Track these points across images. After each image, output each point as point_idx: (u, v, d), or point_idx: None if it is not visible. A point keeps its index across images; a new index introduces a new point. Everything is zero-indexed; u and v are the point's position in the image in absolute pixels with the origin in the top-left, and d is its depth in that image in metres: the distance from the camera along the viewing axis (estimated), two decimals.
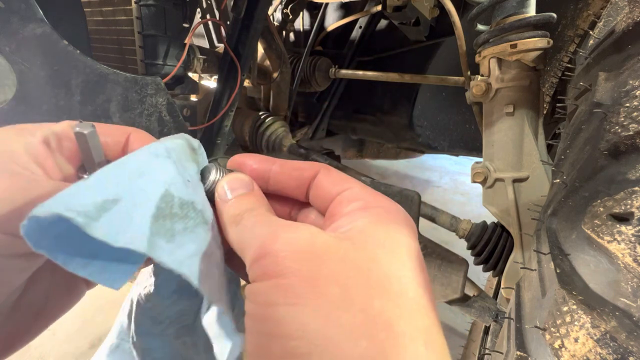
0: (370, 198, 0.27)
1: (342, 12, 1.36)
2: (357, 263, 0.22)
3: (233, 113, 1.00)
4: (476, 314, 0.87)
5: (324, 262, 0.21)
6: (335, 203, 0.27)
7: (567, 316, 0.35)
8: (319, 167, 0.29)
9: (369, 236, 0.24)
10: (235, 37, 0.93)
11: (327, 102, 1.45)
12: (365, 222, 0.25)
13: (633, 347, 0.30)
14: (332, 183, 0.28)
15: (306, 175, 0.29)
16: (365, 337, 0.19)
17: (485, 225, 0.88)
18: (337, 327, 0.19)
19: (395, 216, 0.26)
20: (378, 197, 0.27)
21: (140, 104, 0.77)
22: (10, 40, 0.57)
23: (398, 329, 0.20)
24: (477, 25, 0.87)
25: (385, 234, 0.24)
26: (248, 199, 0.27)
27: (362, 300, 0.20)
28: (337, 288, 0.20)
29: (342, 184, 0.28)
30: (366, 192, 0.27)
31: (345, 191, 0.27)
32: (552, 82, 1.15)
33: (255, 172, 0.30)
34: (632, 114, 0.38)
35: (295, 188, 0.30)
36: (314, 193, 0.29)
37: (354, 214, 0.25)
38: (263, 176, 0.30)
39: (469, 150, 1.44)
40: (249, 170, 0.30)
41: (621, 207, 0.34)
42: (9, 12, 0.56)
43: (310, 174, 0.29)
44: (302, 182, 0.29)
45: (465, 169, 3.57)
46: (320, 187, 0.29)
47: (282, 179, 0.30)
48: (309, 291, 0.20)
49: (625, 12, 0.46)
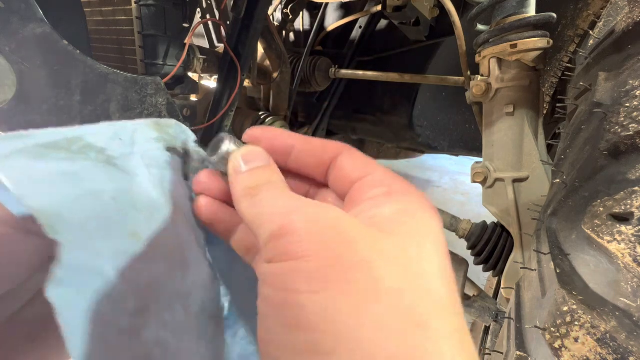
0: (394, 184, 0.24)
1: (342, 12, 1.36)
2: (387, 253, 0.20)
3: (233, 113, 1.00)
4: (476, 314, 0.87)
5: (351, 246, 0.19)
6: (356, 187, 0.25)
7: (567, 316, 0.35)
8: (342, 148, 0.27)
9: (396, 225, 0.22)
10: (235, 37, 0.93)
11: (327, 102, 1.45)
12: (392, 210, 0.22)
13: (633, 347, 0.30)
14: (354, 166, 0.26)
15: (328, 154, 0.27)
16: (398, 335, 0.18)
17: (485, 225, 0.88)
18: (367, 320, 0.18)
19: (421, 204, 0.24)
20: (403, 183, 0.25)
21: (140, 104, 0.77)
22: (10, 40, 0.57)
23: (432, 327, 0.18)
24: (477, 25, 0.87)
25: (413, 223, 0.22)
26: (265, 171, 0.25)
27: (393, 294, 0.18)
28: (367, 276, 0.19)
29: (365, 167, 0.26)
30: (390, 178, 0.25)
31: (368, 176, 0.25)
32: (552, 82, 1.15)
33: (275, 146, 0.28)
34: (632, 114, 0.38)
35: (315, 167, 0.28)
36: (335, 174, 0.27)
37: (377, 200, 0.23)
38: (284, 151, 0.28)
39: (469, 150, 1.44)
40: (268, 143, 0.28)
41: (621, 207, 0.34)
42: (9, 12, 0.56)
43: (333, 154, 0.27)
44: (323, 162, 0.27)
45: (465, 169, 3.57)
46: (342, 169, 0.26)
47: (303, 157, 0.28)
48: (336, 277, 0.18)
49: (625, 12, 0.46)
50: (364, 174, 0.25)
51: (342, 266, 0.19)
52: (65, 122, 0.67)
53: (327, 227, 0.20)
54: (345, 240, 0.20)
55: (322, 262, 0.19)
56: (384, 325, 0.18)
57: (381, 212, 0.22)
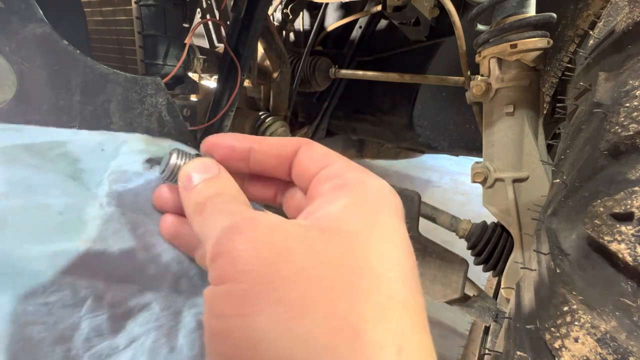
0: (350, 175, 0.23)
1: (342, 12, 1.36)
2: (324, 258, 0.19)
3: (233, 113, 1.00)
4: (476, 314, 0.87)
5: (284, 260, 0.18)
6: (314, 182, 0.24)
7: (567, 316, 0.35)
8: (301, 143, 0.26)
9: (342, 223, 0.20)
10: (235, 37, 0.93)
11: (327, 102, 1.45)
12: (341, 206, 0.21)
13: (633, 347, 0.30)
14: (312, 159, 0.25)
15: (287, 152, 0.26)
16: (327, 351, 0.17)
17: (485, 225, 0.88)
18: (295, 339, 0.17)
19: (378, 196, 0.22)
20: (360, 173, 0.23)
21: (140, 104, 0.76)
22: (10, 40, 0.57)
23: (365, 337, 0.17)
24: (477, 25, 0.87)
25: (363, 218, 0.21)
26: (212, 184, 0.24)
27: (325, 304, 0.17)
28: (298, 291, 0.17)
29: (323, 159, 0.25)
30: (347, 168, 0.24)
31: (325, 168, 0.24)
32: (552, 82, 1.15)
33: (233, 152, 0.27)
34: (632, 114, 0.38)
35: (276, 167, 0.26)
36: (296, 171, 0.26)
37: (330, 195, 0.22)
38: (242, 156, 0.27)
39: (469, 150, 1.44)
40: (226, 150, 0.27)
41: (621, 207, 0.34)
42: (9, 12, 0.56)
43: (291, 150, 0.26)
44: (283, 160, 0.26)
45: (465, 169, 3.56)
46: (301, 164, 0.25)
47: (262, 158, 0.26)
48: (265, 297, 0.17)
49: (625, 12, 0.46)
50: (322, 166, 0.24)
51: (272, 283, 0.18)
52: (65, 122, 0.67)
53: (262, 243, 0.19)
54: (278, 254, 0.18)
55: (254, 281, 0.18)
56: (312, 342, 0.17)
57: (329, 210, 0.21)
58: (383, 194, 0.23)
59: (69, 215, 0.23)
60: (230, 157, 0.27)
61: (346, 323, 0.17)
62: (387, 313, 0.18)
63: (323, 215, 0.21)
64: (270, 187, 0.29)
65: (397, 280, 0.19)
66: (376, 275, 0.19)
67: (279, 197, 0.29)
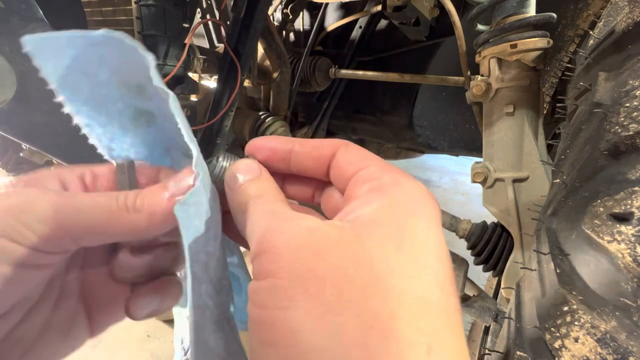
0: (387, 177, 0.24)
1: (342, 12, 1.36)
2: (358, 258, 0.20)
3: (233, 113, 1.00)
4: (476, 314, 0.87)
5: (321, 258, 0.19)
6: (351, 183, 0.25)
7: (567, 316, 0.35)
8: (339, 144, 0.27)
9: (377, 224, 0.21)
10: (235, 37, 0.93)
11: (327, 102, 1.45)
12: (376, 207, 0.22)
13: (633, 347, 0.30)
14: (349, 161, 0.26)
15: (325, 153, 0.27)
16: (358, 346, 0.17)
17: (485, 225, 0.88)
18: (329, 333, 0.18)
19: (413, 198, 0.23)
20: (396, 175, 0.24)
21: None
22: (10, 40, 0.57)
23: (396, 335, 0.18)
24: (477, 25, 0.87)
25: (398, 220, 0.21)
26: (254, 184, 0.26)
27: (358, 301, 0.18)
28: (333, 288, 0.19)
29: (360, 162, 0.25)
30: (384, 170, 0.24)
31: (362, 170, 0.25)
32: (552, 82, 1.15)
33: (275, 153, 0.28)
34: (632, 114, 0.38)
35: (315, 168, 0.28)
36: (334, 172, 0.27)
37: (366, 197, 0.23)
38: (284, 157, 0.28)
39: (469, 150, 1.44)
40: (269, 151, 0.28)
41: (621, 207, 0.34)
42: (9, 12, 0.56)
43: (329, 152, 0.27)
44: (322, 162, 0.27)
45: (465, 169, 3.57)
46: (339, 166, 0.26)
47: (302, 159, 0.28)
48: (302, 292, 0.19)
49: (625, 12, 0.46)
50: (358, 168, 0.25)
51: (309, 280, 0.19)
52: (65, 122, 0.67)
53: (300, 242, 0.20)
54: (315, 253, 0.20)
55: (292, 278, 0.19)
56: (345, 337, 0.18)
57: (365, 211, 0.22)
58: (418, 197, 0.23)
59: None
60: (273, 158, 0.28)
61: (377, 321, 0.18)
62: (418, 313, 0.19)
63: (359, 216, 0.22)
64: (309, 187, 0.30)
65: (430, 283, 0.20)
66: (408, 277, 0.19)
67: (317, 197, 0.30)
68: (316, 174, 0.28)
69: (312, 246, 0.20)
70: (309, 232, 0.21)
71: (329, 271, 0.19)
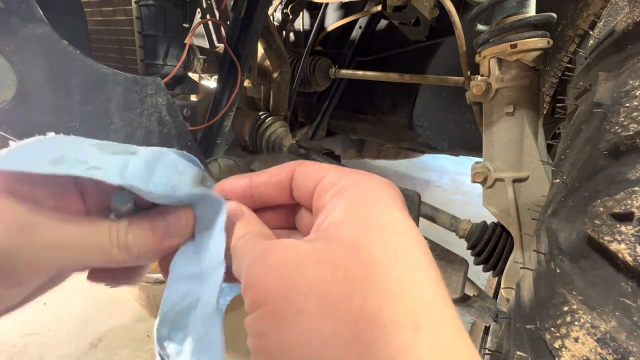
0: (344, 180, 0.25)
1: (342, 12, 1.36)
2: (333, 262, 0.20)
3: (233, 113, 1.00)
4: (476, 314, 0.87)
5: (299, 274, 0.20)
6: (314, 197, 0.26)
7: (567, 316, 0.35)
8: (294, 165, 0.28)
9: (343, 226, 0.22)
10: (235, 37, 0.93)
11: (327, 102, 1.45)
12: (341, 210, 0.23)
13: (633, 347, 0.30)
14: (307, 178, 0.27)
15: (283, 177, 0.28)
16: (347, 342, 0.18)
17: (485, 225, 0.88)
18: (320, 340, 0.19)
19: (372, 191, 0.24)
20: (352, 175, 0.25)
21: (140, 104, 0.76)
22: (10, 40, 0.57)
23: (380, 322, 0.18)
24: (477, 25, 0.87)
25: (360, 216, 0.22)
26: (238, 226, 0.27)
27: (341, 303, 0.19)
28: (315, 298, 0.19)
29: (316, 175, 0.26)
30: (340, 175, 0.25)
31: (320, 181, 0.26)
32: (552, 82, 1.15)
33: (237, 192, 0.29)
34: (632, 114, 0.38)
35: (279, 194, 0.28)
36: (297, 193, 0.28)
37: (330, 204, 0.24)
38: (246, 194, 0.29)
39: (469, 150, 1.44)
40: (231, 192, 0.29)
41: (621, 207, 0.34)
42: (9, 12, 0.56)
43: (287, 175, 0.28)
44: (283, 187, 0.28)
45: (465, 169, 3.57)
46: (298, 186, 0.27)
47: (263, 190, 0.29)
48: (289, 310, 0.19)
49: (625, 12, 0.46)
50: (316, 182, 0.26)
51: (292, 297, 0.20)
52: (65, 122, 0.67)
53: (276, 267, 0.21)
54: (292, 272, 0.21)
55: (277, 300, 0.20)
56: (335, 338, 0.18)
57: (332, 218, 0.23)
58: (377, 189, 0.24)
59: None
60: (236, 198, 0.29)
61: (362, 314, 0.19)
62: (400, 294, 0.19)
63: (327, 225, 0.23)
64: (282, 215, 0.31)
65: (405, 262, 0.21)
66: (384, 263, 0.20)
67: (290, 221, 0.31)
68: (282, 200, 0.29)
69: (289, 265, 0.21)
70: (285, 253, 0.22)
71: (309, 283, 0.20)
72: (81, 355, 1.42)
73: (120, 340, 1.50)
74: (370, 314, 0.19)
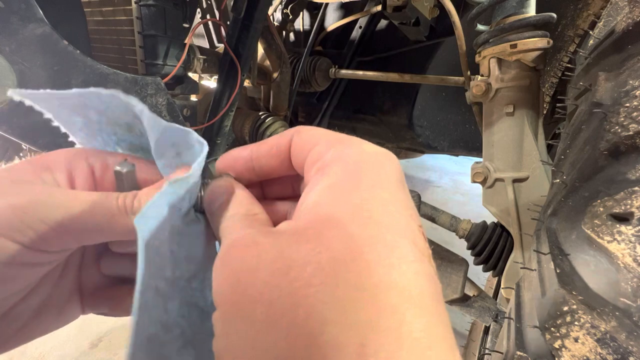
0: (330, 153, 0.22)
1: (342, 12, 1.36)
2: (289, 262, 0.18)
3: (233, 113, 1.00)
4: (476, 314, 0.87)
5: (252, 276, 0.18)
6: (305, 170, 0.24)
7: (567, 316, 0.35)
8: (292, 132, 0.25)
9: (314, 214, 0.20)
10: (235, 37, 0.93)
11: (327, 102, 1.45)
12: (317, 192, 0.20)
13: (633, 347, 0.30)
14: (301, 146, 0.24)
15: (283, 148, 0.25)
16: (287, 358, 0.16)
17: (485, 225, 0.88)
18: (262, 353, 0.17)
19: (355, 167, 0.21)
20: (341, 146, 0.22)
21: None
22: (10, 40, 0.57)
23: (320, 340, 0.16)
24: (477, 25, 0.87)
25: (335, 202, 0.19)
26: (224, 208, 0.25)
27: (285, 314, 0.17)
28: (262, 306, 0.17)
29: (307, 144, 0.24)
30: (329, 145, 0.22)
31: (311, 151, 0.23)
32: (552, 82, 1.15)
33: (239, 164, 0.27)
34: (632, 114, 0.38)
35: (280, 165, 0.26)
36: (294, 162, 0.25)
37: (312, 182, 0.22)
38: (247, 167, 0.27)
39: (469, 150, 1.44)
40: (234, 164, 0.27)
41: (621, 207, 0.34)
42: (9, 12, 0.56)
43: (286, 143, 0.25)
44: (283, 158, 0.26)
45: (465, 169, 3.57)
46: (294, 155, 0.25)
47: (264, 162, 0.26)
48: (236, 317, 0.18)
49: (625, 12, 0.46)
50: (308, 151, 0.24)
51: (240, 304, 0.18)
52: None
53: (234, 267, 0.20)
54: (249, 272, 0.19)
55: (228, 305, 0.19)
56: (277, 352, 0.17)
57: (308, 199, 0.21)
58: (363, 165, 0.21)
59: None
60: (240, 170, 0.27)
61: (304, 329, 0.16)
62: (350, 306, 0.16)
63: (303, 209, 0.21)
64: (287, 185, 0.29)
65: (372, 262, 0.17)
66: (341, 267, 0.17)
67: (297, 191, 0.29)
68: (284, 171, 0.26)
69: (245, 265, 0.19)
70: (244, 253, 0.20)
71: (259, 289, 0.18)
72: (81, 355, 1.42)
73: (120, 340, 1.50)
74: (313, 329, 0.16)
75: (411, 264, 0.18)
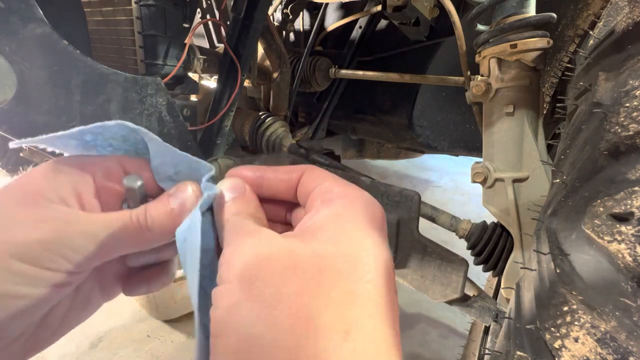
0: (337, 189, 0.28)
1: (342, 12, 1.36)
2: (299, 260, 0.23)
3: (233, 113, 1.00)
4: (476, 314, 0.87)
5: (266, 265, 0.23)
6: (310, 198, 0.29)
7: (567, 316, 0.35)
8: (305, 168, 0.31)
9: (321, 230, 0.25)
10: (235, 37, 0.93)
11: (327, 102, 1.45)
12: (324, 215, 0.26)
13: (633, 347, 0.30)
14: (311, 181, 0.30)
15: (294, 177, 0.31)
16: (287, 332, 0.21)
17: (485, 225, 0.88)
18: (266, 324, 0.21)
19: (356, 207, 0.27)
20: (346, 187, 0.28)
21: (140, 104, 0.77)
22: (10, 40, 0.57)
23: (317, 322, 0.21)
24: (477, 25, 0.87)
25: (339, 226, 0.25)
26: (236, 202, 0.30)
27: (292, 297, 0.22)
28: (272, 288, 0.22)
29: (318, 179, 0.30)
30: (335, 185, 0.29)
31: (319, 186, 0.29)
32: (552, 82, 1.15)
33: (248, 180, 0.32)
34: (632, 114, 0.38)
35: (285, 191, 0.32)
36: (300, 192, 0.31)
37: (318, 208, 0.27)
38: (257, 183, 0.32)
39: (469, 150, 1.44)
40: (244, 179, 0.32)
41: (621, 207, 0.34)
42: (9, 12, 0.56)
43: (297, 174, 0.31)
44: (291, 185, 0.31)
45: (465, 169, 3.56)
46: (302, 185, 0.31)
47: (274, 184, 0.32)
48: (246, 293, 0.23)
49: (625, 12, 0.46)
50: (316, 185, 0.29)
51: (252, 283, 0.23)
52: (65, 122, 0.67)
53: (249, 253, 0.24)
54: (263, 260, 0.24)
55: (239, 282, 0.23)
56: (280, 326, 0.21)
57: (314, 219, 0.26)
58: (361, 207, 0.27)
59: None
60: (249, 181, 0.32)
61: (305, 312, 0.22)
62: (342, 305, 0.22)
63: (309, 225, 0.26)
64: (281, 209, 0.34)
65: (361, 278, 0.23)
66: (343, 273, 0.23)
67: (288, 217, 0.35)
68: (286, 196, 0.32)
69: (258, 255, 0.24)
70: (259, 243, 0.25)
71: (271, 275, 0.23)
72: (81, 355, 1.42)
73: (120, 340, 1.50)
74: (310, 314, 0.22)
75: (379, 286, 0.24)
